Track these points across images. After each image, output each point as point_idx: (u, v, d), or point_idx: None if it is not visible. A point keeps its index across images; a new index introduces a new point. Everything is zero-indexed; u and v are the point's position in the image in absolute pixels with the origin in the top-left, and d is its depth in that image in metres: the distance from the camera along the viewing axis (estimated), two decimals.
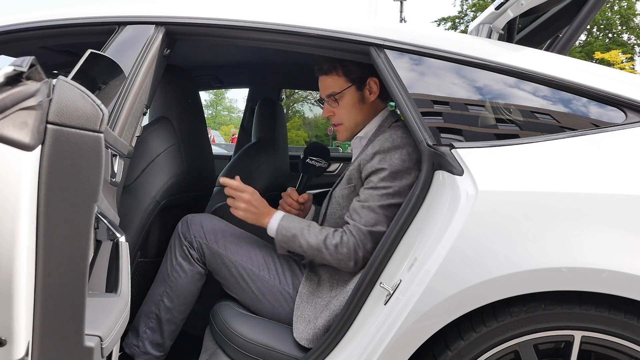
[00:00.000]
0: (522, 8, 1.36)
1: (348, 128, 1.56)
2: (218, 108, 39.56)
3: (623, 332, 1.07)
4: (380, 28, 1.34)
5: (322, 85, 1.57)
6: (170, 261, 1.54)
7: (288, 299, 1.49)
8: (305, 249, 1.42)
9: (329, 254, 1.38)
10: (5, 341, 0.75)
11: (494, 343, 1.13)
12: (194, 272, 1.53)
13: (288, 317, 1.48)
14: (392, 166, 1.36)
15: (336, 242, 1.38)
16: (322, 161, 1.75)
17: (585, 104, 1.23)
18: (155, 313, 1.53)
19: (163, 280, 1.54)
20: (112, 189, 1.24)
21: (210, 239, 1.52)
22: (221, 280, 1.55)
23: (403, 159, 1.37)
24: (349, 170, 1.50)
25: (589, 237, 1.06)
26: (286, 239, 1.44)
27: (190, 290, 1.54)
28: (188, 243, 1.53)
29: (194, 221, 1.55)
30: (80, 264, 0.81)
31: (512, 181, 1.13)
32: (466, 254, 1.09)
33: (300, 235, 1.42)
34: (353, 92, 1.52)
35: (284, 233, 1.44)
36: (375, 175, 1.38)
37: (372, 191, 1.38)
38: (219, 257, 1.51)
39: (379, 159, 1.38)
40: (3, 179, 0.72)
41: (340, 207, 1.50)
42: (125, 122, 1.30)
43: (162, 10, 1.42)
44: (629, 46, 20.38)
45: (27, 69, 0.75)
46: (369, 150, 1.42)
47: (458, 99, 1.28)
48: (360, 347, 1.19)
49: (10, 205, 0.73)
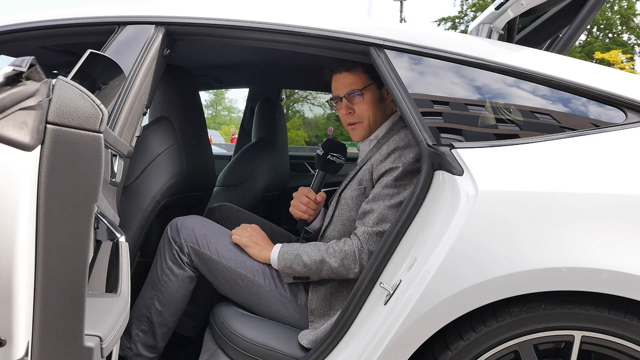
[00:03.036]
0: (522, 8, 1.36)
1: (366, 126, 1.55)
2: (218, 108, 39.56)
3: (623, 332, 1.07)
4: (380, 28, 1.34)
5: (341, 82, 1.55)
6: (160, 265, 1.52)
7: (285, 302, 1.48)
8: (309, 265, 1.41)
9: (334, 260, 1.37)
10: (5, 341, 0.75)
11: (494, 343, 1.13)
12: (184, 276, 1.51)
13: (287, 319, 1.48)
14: (405, 164, 1.37)
15: (340, 246, 1.37)
16: (342, 158, 1.71)
17: (585, 104, 1.23)
18: (146, 316, 1.52)
19: (153, 283, 1.52)
20: (112, 189, 1.24)
21: (203, 245, 1.50)
22: (216, 285, 1.54)
23: (417, 158, 1.37)
24: (360, 172, 1.50)
25: (589, 237, 1.06)
26: (289, 262, 1.43)
27: (181, 294, 1.52)
28: (178, 247, 1.50)
29: (185, 225, 1.52)
30: (80, 264, 0.81)
31: (512, 181, 1.13)
32: (466, 254, 1.09)
33: (303, 252, 1.42)
34: (374, 89, 1.53)
35: (285, 257, 1.44)
36: (388, 176, 1.38)
37: (383, 190, 1.38)
38: (212, 264, 1.49)
39: (394, 158, 1.39)
40: (3, 179, 0.72)
41: (349, 208, 1.49)
42: (125, 122, 1.30)
43: (162, 10, 1.42)
44: (629, 46, 20.36)
45: (26, 69, 0.75)
46: (383, 150, 1.42)
47: (458, 99, 1.28)
48: (360, 347, 1.19)
49: (10, 205, 0.73)
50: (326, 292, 1.45)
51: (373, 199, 1.39)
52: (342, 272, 1.39)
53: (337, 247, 1.39)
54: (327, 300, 1.45)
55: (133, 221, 1.54)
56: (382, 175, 1.40)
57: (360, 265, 1.36)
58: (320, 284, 1.46)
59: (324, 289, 1.45)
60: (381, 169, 1.40)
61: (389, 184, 1.37)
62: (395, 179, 1.37)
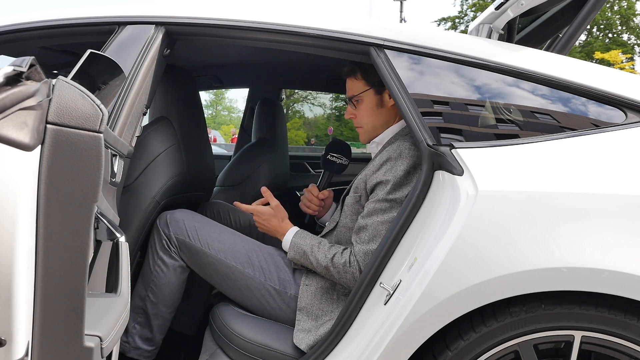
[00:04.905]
0: (522, 8, 1.36)
1: (367, 131, 1.56)
2: (218, 108, 39.55)
3: (623, 332, 1.07)
4: (380, 28, 1.34)
5: (346, 87, 1.59)
6: (151, 256, 1.55)
7: (274, 294, 1.49)
8: (315, 266, 1.43)
9: (336, 273, 1.39)
10: (5, 341, 0.75)
11: (494, 343, 1.13)
12: (175, 265, 1.54)
13: (277, 313, 1.48)
14: (395, 177, 1.36)
15: (344, 261, 1.38)
16: (343, 158, 1.74)
17: (585, 104, 1.23)
18: (142, 308, 1.54)
19: (146, 275, 1.55)
20: (112, 189, 1.24)
21: (193, 237, 1.52)
22: (206, 278, 1.55)
23: (408, 170, 1.37)
24: (357, 180, 1.50)
25: (589, 237, 1.06)
26: (298, 255, 1.46)
27: (174, 284, 1.55)
28: (167, 238, 1.53)
29: (174, 218, 1.55)
30: (80, 264, 0.81)
31: (512, 181, 1.13)
32: (466, 254, 1.09)
33: (310, 253, 1.43)
34: (371, 95, 1.52)
35: (295, 249, 1.47)
36: (379, 190, 1.39)
37: (376, 205, 1.38)
38: (203, 256, 1.51)
39: (385, 170, 1.39)
40: (3, 179, 0.72)
41: (345, 215, 1.50)
42: (125, 122, 1.30)
43: (162, 10, 1.42)
44: (629, 46, 20.36)
45: (26, 69, 0.75)
46: (376, 162, 1.43)
47: (458, 99, 1.28)
48: (360, 347, 1.19)
49: (10, 206, 0.73)
50: (316, 290, 1.45)
51: (367, 214, 1.39)
52: (341, 282, 1.41)
53: (340, 261, 1.39)
54: (316, 299, 1.45)
55: (133, 221, 1.54)
56: (374, 187, 1.40)
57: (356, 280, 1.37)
58: (311, 282, 1.47)
59: (314, 288, 1.46)
60: (373, 180, 1.41)
61: (380, 198, 1.38)
62: (387, 193, 1.37)
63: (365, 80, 1.52)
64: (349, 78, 1.56)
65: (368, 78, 1.50)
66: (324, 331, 1.36)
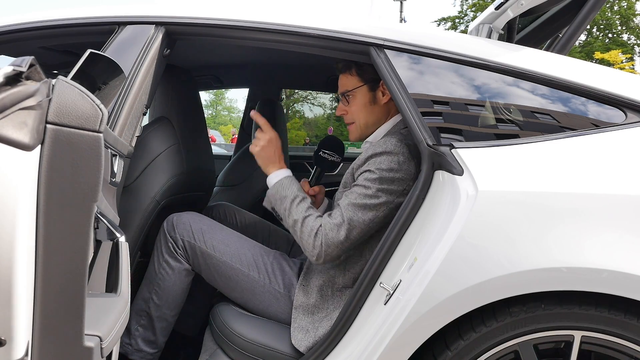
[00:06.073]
0: (522, 8, 1.36)
1: (358, 128, 1.55)
2: (218, 108, 39.56)
3: (623, 332, 1.07)
4: (380, 28, 1.34)
5: (339, 83, 1.58)
6: (157, 259, 1.54)
7: (279, 297, 1.49)
8: (286, 214, 1.41)
9: (300, 232, 1.37)
10: (5, 341, 0.75)
11: (494, 343, 1.13)
12: (180, 269, 1.53)
13: (279, 316, 1.48)
14: (379, 170, 1.35)
15: (311, 228, 1.36)
16: (335, 155, 1.72)
17: (585, 104, 1.23)
18: (145, 311, 1.53)
19: (151, 278, 1.54)
20: (112, 189, 1.24)
21: (199, 239, 1.51)
22: (210, 281, 1.55)
23: (391, 167, 1.34)
24: (344, 175, 1.50)
25: (589, 237, 1.06)
26: (278, 196, 1.44)
27: (179, 287, 1.54)
28: (173, 241, 1.52)
29: (181, 220, 1.54)
30: (80, 264, 0.81)
31: (512, 181, 1.13)
32: (466, 254, 1.09)
33: (291, 201, 1.41)
34: (365, 91, 1.52)
35: (278, 189, 1.45)
36: (362, 176, 1.38)
37: (354, 187, 1.38)
38: (207, 258, 1.51)
39: (369, 163, 1.38)
40: (2, 179, 0.72)
41: None
42: (125, 122, 1.30)
43: (162, 10, 1.42)
44: (629, 46, 20.37)
45: (26, 69, 0.75)
46: (362, 156, 1.42)
47: (458, 98, 1.28)
48: (360, 347, 1.19)
49: (10, 206, 0.73)
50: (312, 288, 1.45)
51: (345, 195, 1.39)
52: (299, 243, 1.39)
53: (309, 224, 1.37)
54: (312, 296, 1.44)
55: (133, 221, 1.54)
56: (358, 176, 1.40)
57: (318, 256, 1.35)
58: (308, 281, 1.47)
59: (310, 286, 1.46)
60: (359, 171, 1.40)
61: (359, 182, 1.37)
62: (367, 180, 1.35)
63: (360, 77, 1.51)
64: (342, 74, 1.55)
65: (362, 74, 1.50)
66: (322, 332, 1.36)
